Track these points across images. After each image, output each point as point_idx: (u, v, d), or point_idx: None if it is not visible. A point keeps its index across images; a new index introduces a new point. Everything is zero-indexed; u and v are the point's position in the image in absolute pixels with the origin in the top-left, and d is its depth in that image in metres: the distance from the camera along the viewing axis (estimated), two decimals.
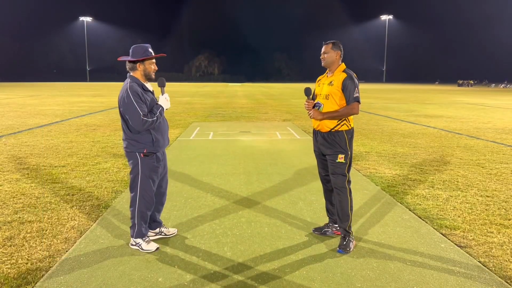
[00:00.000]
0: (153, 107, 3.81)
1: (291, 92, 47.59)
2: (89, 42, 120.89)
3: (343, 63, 4.12)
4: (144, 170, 3.88)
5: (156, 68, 3.93)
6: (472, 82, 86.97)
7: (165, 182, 4.24)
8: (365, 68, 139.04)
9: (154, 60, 3.90)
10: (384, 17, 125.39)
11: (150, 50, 3.84)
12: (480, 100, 31.85)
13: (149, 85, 3.96)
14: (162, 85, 4.04)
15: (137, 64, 3.81)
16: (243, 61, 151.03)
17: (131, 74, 3.85)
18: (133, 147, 3.84)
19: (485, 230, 4.51)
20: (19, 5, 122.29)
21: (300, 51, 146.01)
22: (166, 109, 3.95)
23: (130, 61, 3.82)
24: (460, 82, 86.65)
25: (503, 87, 72.61)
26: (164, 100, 3.93)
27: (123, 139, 3.92)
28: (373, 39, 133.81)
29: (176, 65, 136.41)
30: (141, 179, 3.90)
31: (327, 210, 4.47)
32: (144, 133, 3.81)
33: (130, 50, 3.83)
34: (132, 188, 3.96)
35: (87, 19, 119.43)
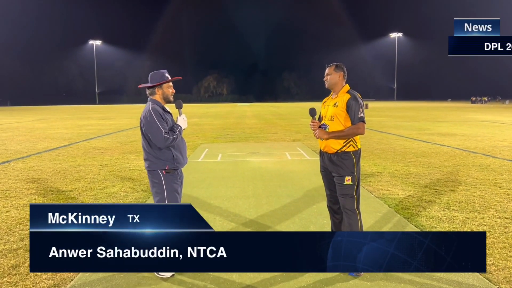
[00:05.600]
0: (173, 126, 4.01)
1: (300, 111, 47.63)
2: (98, 65, 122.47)
3: (347, 84, 4.17)
4: (168, 186, 3.97)
5: (174, 91, 4.13)
6: (486, 99, 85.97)
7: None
8: (376, 86, 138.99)
9: (171, 84, 4.12)
10: (394, 35, 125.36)
11: (167, 75, 4.07)
12: (494, 117, 31.42)
13: (168, 108, 4.17)
14: (179, 107, 4.25)
15: (156, 89, 4.04)
16: (251, 81, 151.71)
17: (152, 98, 4.06)
18: (155, 165, 3.95)
19: (505, 254, 4.33)
20: (29, 29, 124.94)
21: (309, 70, 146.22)
22: (184, 128, 4.13)
23: (149, 87, 4.04)
24: (474, 99, 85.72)
25: None
26: (182, 120, 4.14)
27: (144, 159, 4.04)
28: (383, 57, 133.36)
29: (185, 87, 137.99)
30: (167, 195, 3.97)
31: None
32: (165, 150, 3.95)
33: (149, 77, 4.06)
34: None
35: (96, 42, 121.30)
